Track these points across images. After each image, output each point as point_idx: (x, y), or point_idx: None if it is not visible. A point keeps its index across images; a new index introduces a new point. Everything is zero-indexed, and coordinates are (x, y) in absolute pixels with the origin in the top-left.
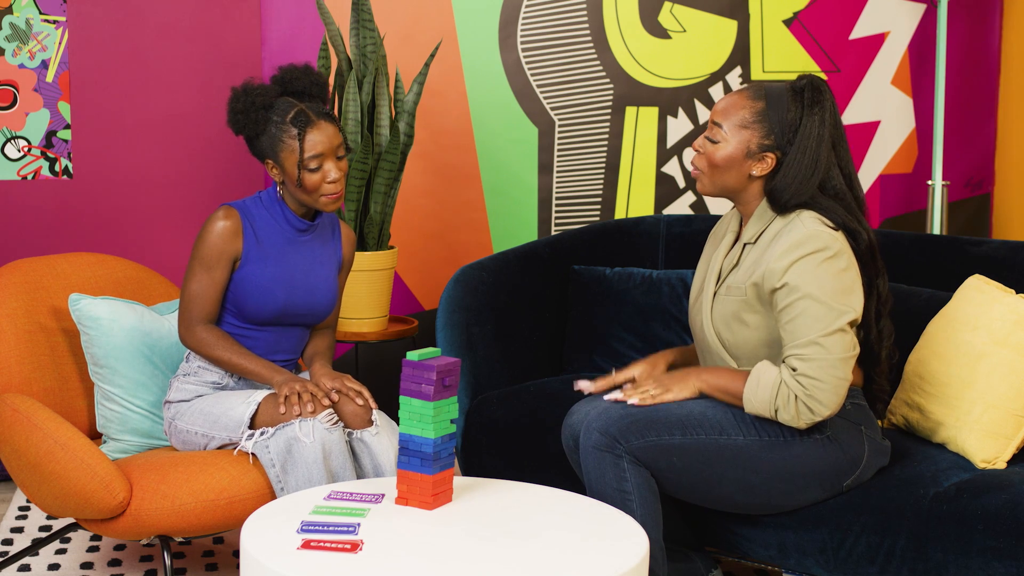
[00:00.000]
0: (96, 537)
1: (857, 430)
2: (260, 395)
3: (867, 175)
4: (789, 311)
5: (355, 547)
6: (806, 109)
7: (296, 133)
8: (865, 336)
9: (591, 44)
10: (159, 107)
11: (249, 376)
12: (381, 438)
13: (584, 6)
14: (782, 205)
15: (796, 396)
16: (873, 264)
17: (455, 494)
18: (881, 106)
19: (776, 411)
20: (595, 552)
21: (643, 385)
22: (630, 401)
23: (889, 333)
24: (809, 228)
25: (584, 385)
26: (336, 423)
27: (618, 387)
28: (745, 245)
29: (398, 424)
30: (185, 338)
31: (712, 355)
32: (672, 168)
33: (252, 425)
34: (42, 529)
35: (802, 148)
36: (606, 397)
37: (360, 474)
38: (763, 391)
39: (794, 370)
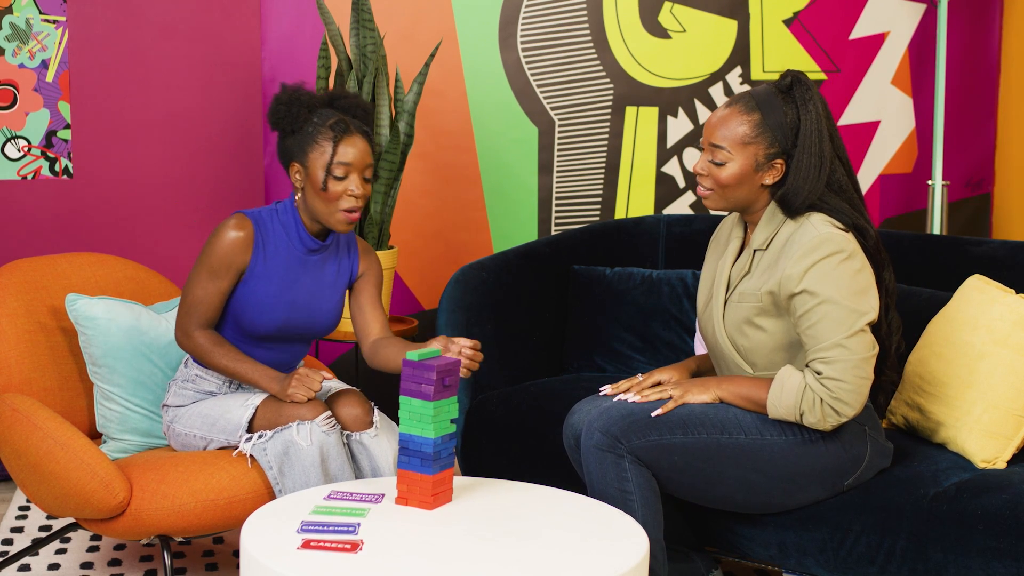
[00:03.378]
0: (96, 537)
1: (861, 430)
2: (258, 399)
3: (867, 175)
4: (809, 316)
5: (355, 547)
6: (800, 107)
7: (332, 136)
8: (875, 329)
9: (591, 44)
10: (159, 107)
11: (247, 383)
12: (380, 440)
13: (584, 6)
14: (795, 208)
15: (821, 399)
16: (879, 256)
17: (455, 494)
18: (881, 106)
19: (802, 415)
20: (595, 552)
21: (665, 387)
22: (651, 398)
23: (897, 326)
24: (821, 231)
25: (608, 389)
26: (334, 426)
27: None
28: (755, 251)
29: (398, 424)
30: (183, 342)
31: (727, 361)
32: (672, 168)
33: (250, 428)
34: (42, 529)
35: (806, 147)
36: (620, 397)
37: (358, 476)
38: (788, 396)
39: (819, 373)
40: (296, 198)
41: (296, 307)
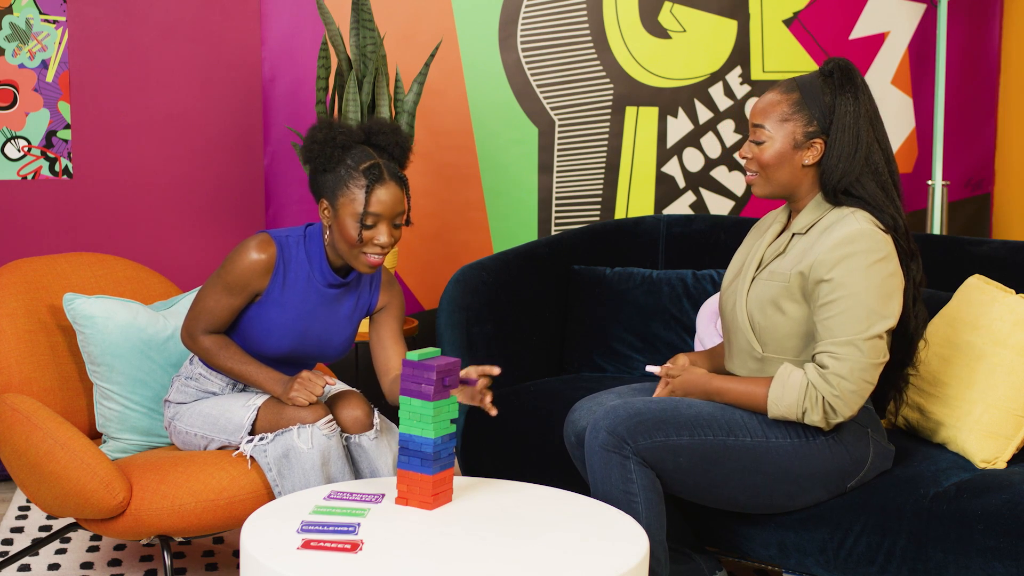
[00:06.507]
0: (96, 537)
1: (864, 432)
2: (260, 400)
3: None
4: (831, 307)
5: (355, 547)
6: (838, 90)
7: (364, 184)
8: (903, 322)
9: (591, 44)
10: (159, 107)
11: (250, 384)
12: (379, 443)
13: (584, 6)
14: (833, 190)
15: (823, 397)
16: (908, 246)
17: (455, 494)
18: (881, 106)
19: (804, 413)
20: (595, 552)
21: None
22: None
23: (924, 318)
24: (863, 227)
25: (657, 370)
26: (334, 429)
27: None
28: (794, 235)
29: (398, 425)
30: (188, 344)
31: (738, 337)
32: (672, 168)
33: (252, 430)
34: (42, 529)
35: (842, 127)
36: (648, 368)
37: (357, 479)
38: (790, 393)
39: (824, 367)
40: (325, 234)
41: (306, 337)
